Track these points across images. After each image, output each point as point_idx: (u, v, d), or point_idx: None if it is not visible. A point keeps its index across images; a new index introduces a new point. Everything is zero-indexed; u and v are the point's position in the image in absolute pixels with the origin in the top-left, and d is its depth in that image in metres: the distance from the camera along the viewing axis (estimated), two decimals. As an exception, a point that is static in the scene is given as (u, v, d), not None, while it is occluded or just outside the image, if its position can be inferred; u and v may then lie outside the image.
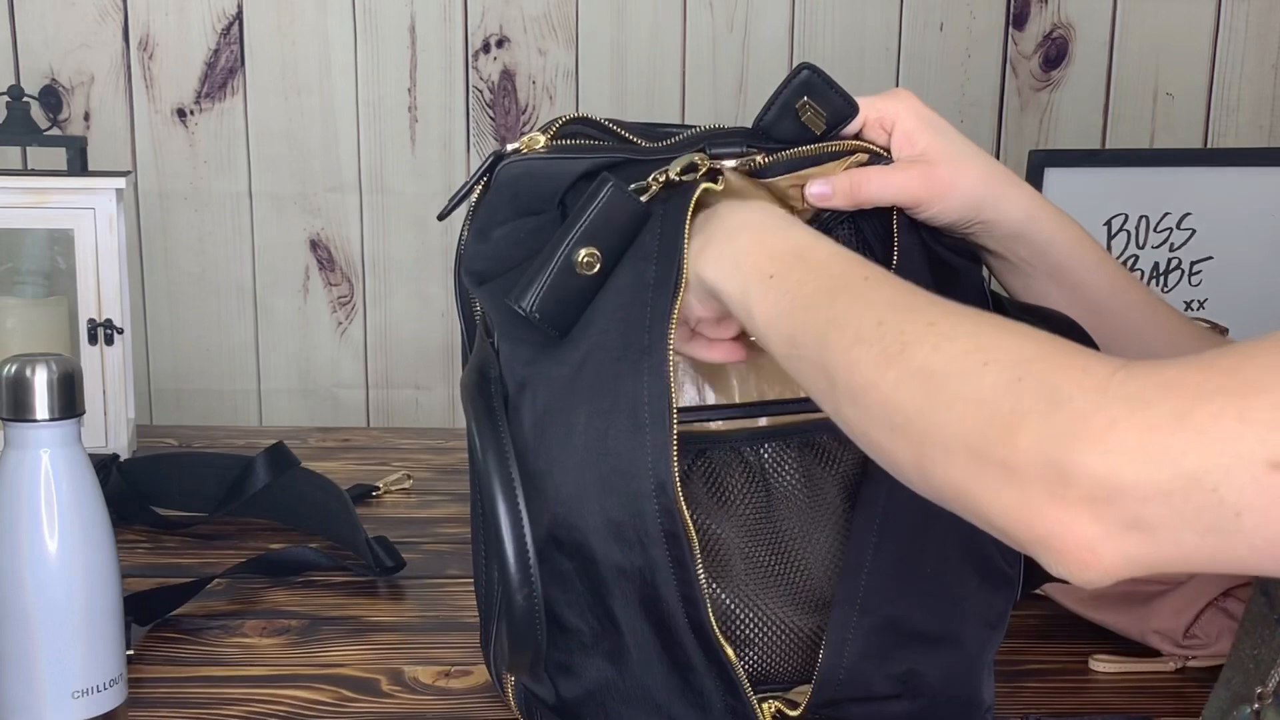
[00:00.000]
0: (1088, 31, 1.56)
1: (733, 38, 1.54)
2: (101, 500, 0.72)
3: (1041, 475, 0.45)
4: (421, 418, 1.61)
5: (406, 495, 1.19)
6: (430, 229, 1.55)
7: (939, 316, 0.51)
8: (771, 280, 0.58)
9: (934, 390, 0.49)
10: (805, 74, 0.70)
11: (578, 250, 0.65)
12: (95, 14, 1.49)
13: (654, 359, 0.64)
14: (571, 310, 0.66)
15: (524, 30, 1.52)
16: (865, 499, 0.69)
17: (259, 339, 1.58)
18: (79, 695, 0.70)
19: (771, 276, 0.58)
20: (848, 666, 0.68)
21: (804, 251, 0.58)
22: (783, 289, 0.58)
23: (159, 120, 1.52)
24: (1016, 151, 1.53)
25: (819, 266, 0.57)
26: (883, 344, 0.51)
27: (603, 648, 0.69)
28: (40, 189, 1.17)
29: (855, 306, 0.54)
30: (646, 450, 0.64)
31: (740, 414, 0.72)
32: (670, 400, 0.64)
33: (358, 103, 1.53)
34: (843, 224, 0.72)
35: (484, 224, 0.71)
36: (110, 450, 1.19)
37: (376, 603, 0.95)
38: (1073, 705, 0.80)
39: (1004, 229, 0.73)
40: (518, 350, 0.67)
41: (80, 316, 1.19)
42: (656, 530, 0.64)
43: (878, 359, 0.51)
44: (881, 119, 0.73)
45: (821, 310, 0.55)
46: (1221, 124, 1.58)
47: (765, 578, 0.70)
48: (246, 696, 0.79)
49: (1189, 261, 1.28)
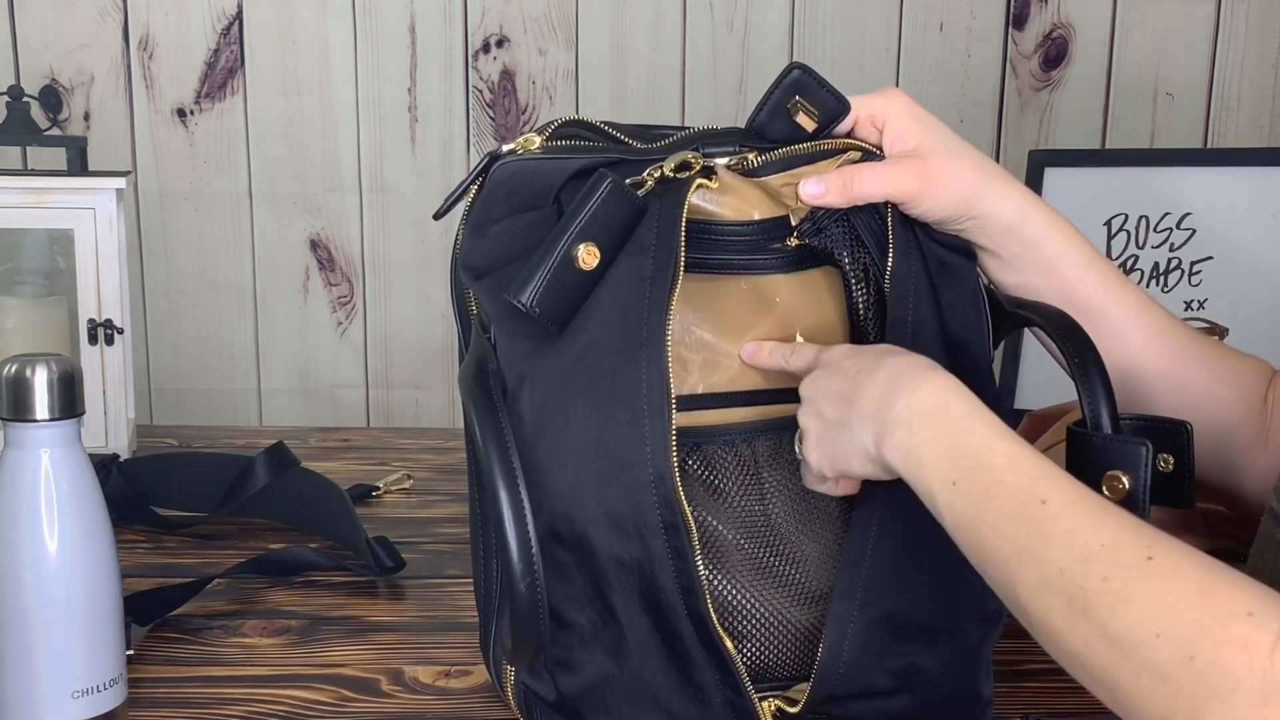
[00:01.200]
0: (1088, 31, 1.56)
1: (733, 38, 1.54)
2: (101, 500, 0.72)
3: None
4: (421, 418, 1.61)
5: (406, 495, 1.19)
6: (430, 229, 1.56)
7: (1110, 569, 0.54)
8: (955, 488, 0.60)
9: (1120, 657, 0.52)
10: (796, 74, 0.71)
11: (576, 246, 0.65)
12: (95, 14, 1.49)
13: (652, 350, 0.65)
14: (569, 304, 0.66)
15: (524, 30, 1.53)
16: (865, 493, 0.69)
17: (259, 339, 1.58)
18: (79, 695, 0.70)
19: (955, 483, 0.60)
20: (847, 660, 0.68)
21: (983, 455, 0.59)
22: (966, 499, 0.59)
23: (159, 120, 1.52)
24: (1016, 151, 1.53)
25: (999, 479, 0.58)
26: (1067, 596, 0.54)
27: (602, 642, 0.69)
28: (40, 189, 1.17)
29: (1036, 541, 0.56)
30: (645, 441, 0.64)
31: (732, 402, 0.72)
32: (668, 391, 0.64)
33: (358, 103, 1.53)
34: (837, 222, 0.72)
35: (480, 220, 0.72)
36: (110, 450, 1.19)
37: (376, 603, 0.95)
38: (1073, 705, 0.80)
39: (996, 225, 0.73)
40: (516, 344, 0.67)
41: (80, 316, 1.19)
42: (655, 521, 0.65)
43: (1065, 612, 0.54)
44: (873, 117, 0.73)
45: (1005, 535, 0.57)
46: (1221, 124, 1.58)
47: (761, 572, 0.71)
48: (246, 696, 0.79)
49: (1189, 261, 1.28)
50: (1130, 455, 0.65)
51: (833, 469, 0.67)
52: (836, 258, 0.73)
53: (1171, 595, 0.52)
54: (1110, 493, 0.65)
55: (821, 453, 0.67)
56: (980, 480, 0.59)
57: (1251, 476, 0.78)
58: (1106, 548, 0.54)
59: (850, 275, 0.73)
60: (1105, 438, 0.67)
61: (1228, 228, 1.27)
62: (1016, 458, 0.59)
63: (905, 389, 0.62)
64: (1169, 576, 0.53)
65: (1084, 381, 0.68)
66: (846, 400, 0.65)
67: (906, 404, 0.62)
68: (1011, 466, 0.59)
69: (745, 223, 0.71)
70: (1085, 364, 0.68)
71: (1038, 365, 1.31)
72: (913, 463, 0.61)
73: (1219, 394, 0.77)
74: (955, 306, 0.72)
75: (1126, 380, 0.75)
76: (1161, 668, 0.51)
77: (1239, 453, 0.77)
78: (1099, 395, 0.67)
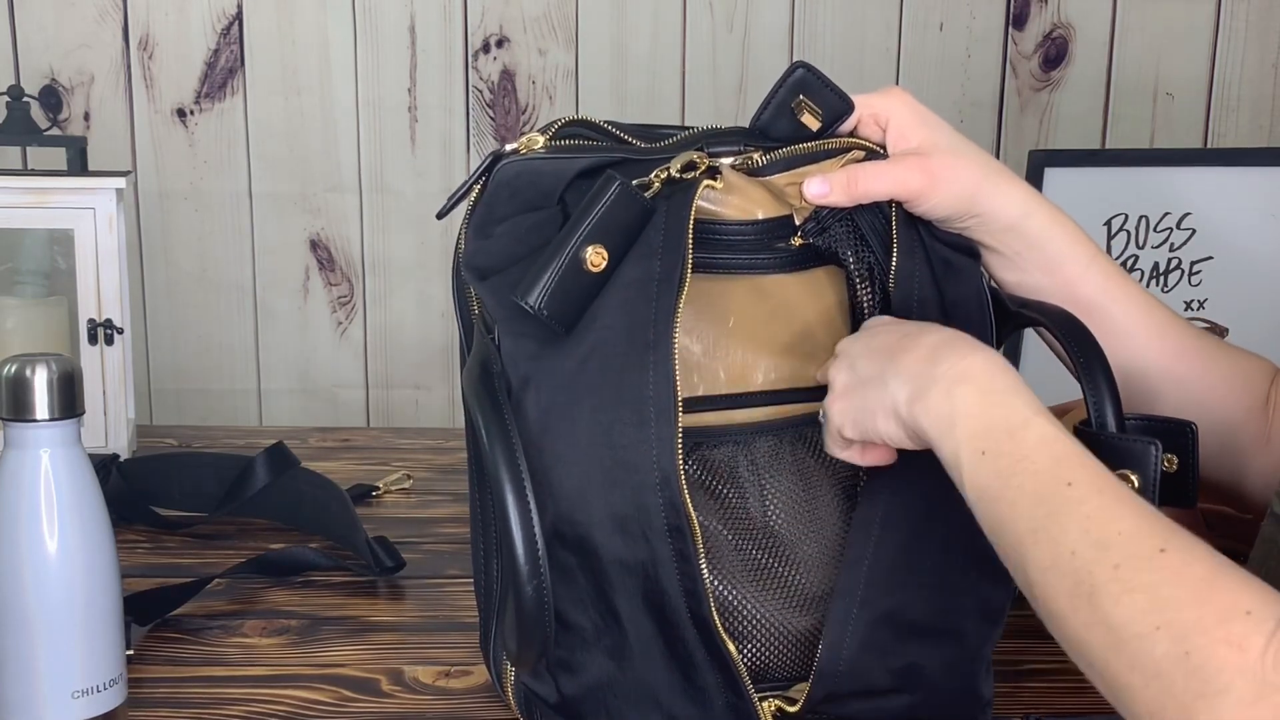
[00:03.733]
0: (1088, 31, 1.56)
1: (733, 38, 1.54)
2: (101, 500, 0.72)
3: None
4: (421, 418, 1.61)
5: (406, 495, 1.19)
6: (430, 229, 1.55)
7: (1123, 557, 0.54)
8: (983, 457, 0.59)
9: (1117, 646, 0.52)
10: (800, 72, 0.71)
11: (585, 248, 0.65)
12: (95, 14, 1.49)
13: (659, 353, 0.64)
14: (576, 306, 0.66)
15: (524, 30, 1.52)
16: (868, 492, 0.69)
17: (259, 339, 1.58)
18: (79, 695, 0.70)
19: (984, 453, 0.59)
20: (847, 659, 0.68)
21: (1017, 431, 0.59)
22: (993, 471, 0.59)
23: (159, 120, 1.52)
24: (1016, 151, 1.53)
25: (1028, 455, 0.58)
26: (1075, 578, 0.54)
27: (604, 644, 0.69)
28: (40, 189, 1.17)
29: (1054, 523, 0.56)
30: (651, 444, 0.64)
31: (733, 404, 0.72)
32: (675, 394, 0.64)
33: (358, 103, 1.53)
34: (841, 221, 0.72)
35: (484, 220, 0.71)
36: (110, 450, 1.19)
37: (376, 603, 0.95)
38: (1073, 705, 0.80)
39: (999, 222, 0.73)
40: (521, 345, 0.67)
41: (80, 316, 1.19)
42: (660, 524, 0.64)
43: (1071, 595, 0.54)
44: (876, 115, 0.73)
45: (1024, 512, 0.57)
46: (1221, 124, 1.58)
47: (761, 573, 0.70)
48: (246, 696, 0.79)
49: (1189, 261, 1.28)
50: (1139, 454, 0.65)
51: (854, 426, 0.66)
52: (840, 257, 0.73)
53: (1176, 589, 0.52)
54: None
55: (846, 405, 0.66)
56: (1010, 454, 0.59)
57: (1254, 476, 0.78)
58: (1124, 536, 0.54)
59: (854, 275, 0.73)
60: (1114, 436, 0.67)
61: (1228, 228, 1.27)
62: (1049, 438, 0.59)
63: (952, 354, 0.62)
64: (1177, 570, 0.53)
65: (1089, 382, 0.68)
66: (888, 356, 0.64)
67: (951, 366, 0.61)
68: (1043, 446, 0.59)
69: (749, 222, 0.71)
70: (1090, 364, 0.68)
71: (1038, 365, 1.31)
72: (945, 424, 0.61)
73: (1222, 392, 0.77)
74: (959, 306, 0.72)
75: (1129, 378, 0.75)
76: (1157, 662, 0.51)
77: (1241, 451, 0.77)
78: (1104, 395, 0.67)
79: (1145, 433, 0.67)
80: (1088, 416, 0.68)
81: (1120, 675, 0.52)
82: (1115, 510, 0.55)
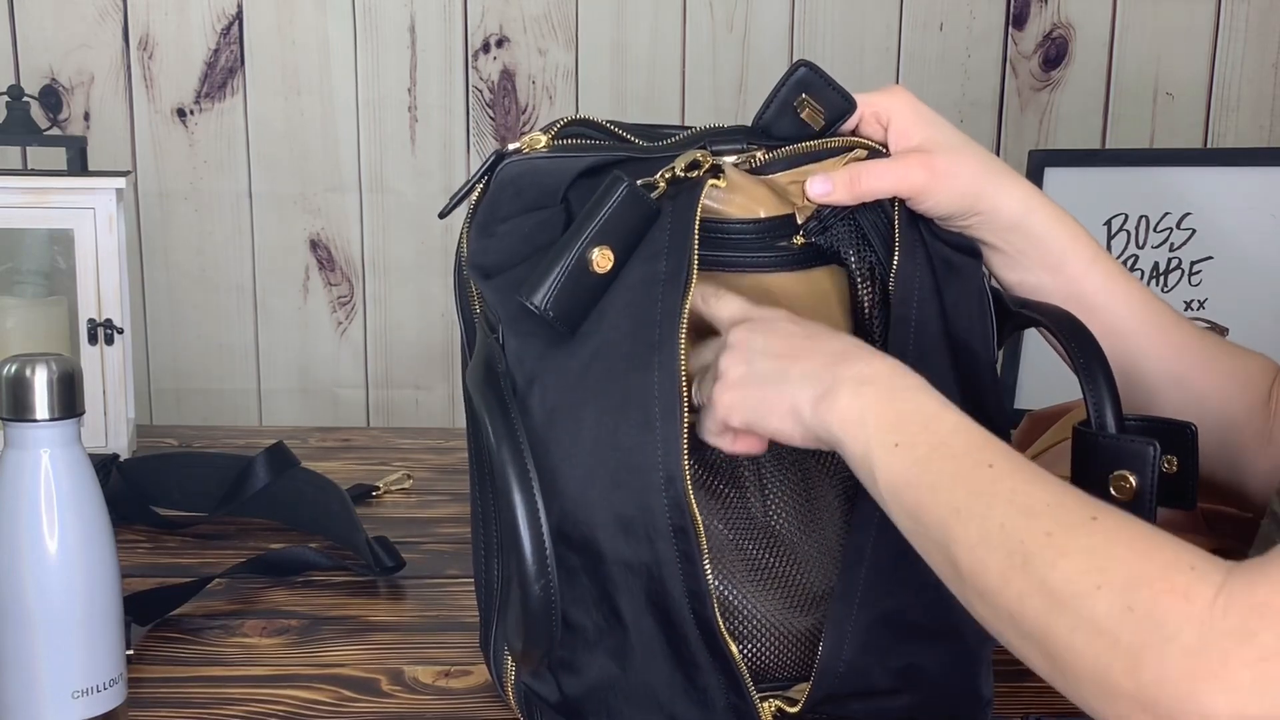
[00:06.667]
0: (1088, 31, 1.56)
1: (733, 38, 1.54)
2: (101, 500, 0.71)
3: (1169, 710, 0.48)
4: (421, 418, 1.61)
5: (406, 495, 1.19)
6: (430, 229, 1.56)
7: (1054, 525, 0.53)
8: (897, 449, 0.59)
9: (1056, 610, 0.51)
10: (802, 71, 0.71)
11: (591, 249, 0.65)
12: (95, 14, 1.49)
13: (665, 354, 0.64)
14: (582, 307, 0.66)
15: (524, 30, 1.53)
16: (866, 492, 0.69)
17: (259, 339, 1.58)
18: (79, 695, 0.70)
19: (897, 445, 0.59)
20: (847, 660, 0.68)
21: (931, 422, 0.59)
22: (908, 460, 0.58)
23: (159, 120, 1.52)
24: (1016, 151, 1.53)
25: (944, 441, 0.58)
26: (1006, 550, 0.53)
27: (606, 644, 0.69)
28: (40, 189, 1.17)
29: (978, 500, 0.55)
30: (657, 445, 0.64)
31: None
32: (681, 395, 0.64)
33: (358, 103, 1.53)
34: (843, 220, 0.72)
35: (487, 220, 0.71)
36: (110, 450, 1.19)
37: (376, 603, 0.95)
38: (1073, 706, 0.80)
39: (1001, 220, 0.73)
40: (526, 345, 0.67)
41: (80, 316, 1.19)
42: (665, 525, 0.64)
43: (1002, 567, 0.53)
44: (877, 114, 0.73)
45: (944, 495, 0.57)
46: (1221, 124, 1.59)
47: (761, 573, 0.70)
48: (246, 696, 0.79)
49: (1189, 261, 1.28)
50: (1138, 455, 0.65)
51: (742, 419, 0.65)
52: (842, 256, 0.73)
53: (1115, 548, 0.51)
54: (1117, 492, 0.65)
55: (738, 397, 0.65)
56: (925, 442, 0.58)
57: (1255, 475, 0.77)
58: (1051, 506, 0.54)
59: (855, 274, 0.73)
60: (1112, 437, 0.66)
61: (1228, 228, 1.27)
62: (963, 426, 0.59)
63: (857, 360, 0.62)
64: (1112, 533, 0.52)
65: (1089, 382, 0.68)
66: (790, 357, 0.64)
67: (857, 370, 0.61)
68: (958, 433, 0.58)
69: (751, 220, 0.71)
70: (1090, 365, 0.68)
71: (1038, 365, 1.31)
72: (853, 422, 0.60)
73: (1223, 391, 0.77)
74: (959, 306, 0.72)
75: (1130, 376, 0.75)
76: (1099, 621, 0.50)
77: (1242, 450, 0.77)
78: (1104, 396, 0.67)
79: (1145, 433, 0.67)
80: (1087, 417, 0.68)
81: (1060, 638, 0.51)
82: (1040, 484, 0.55)
